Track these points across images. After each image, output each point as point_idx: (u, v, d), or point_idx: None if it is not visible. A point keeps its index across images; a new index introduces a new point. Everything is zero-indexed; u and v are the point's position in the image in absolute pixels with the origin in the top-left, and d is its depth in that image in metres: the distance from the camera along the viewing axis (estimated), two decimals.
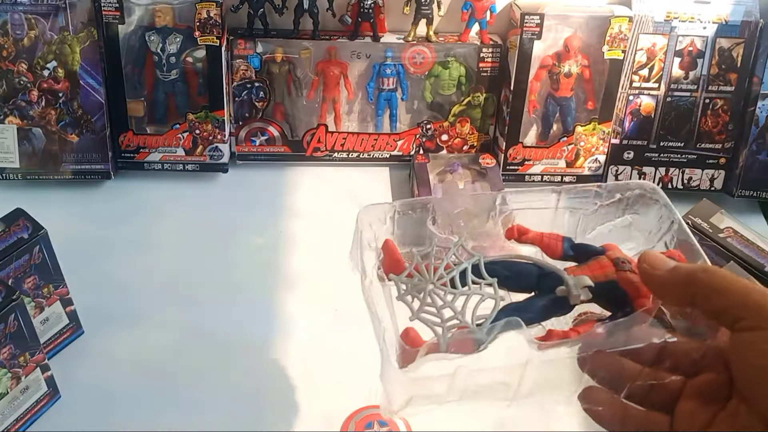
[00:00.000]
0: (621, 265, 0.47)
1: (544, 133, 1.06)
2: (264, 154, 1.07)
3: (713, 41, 1.01)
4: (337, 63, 1.04)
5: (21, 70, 0.96)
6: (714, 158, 1.06)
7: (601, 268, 0.47)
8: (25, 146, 0.99)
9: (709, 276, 0.41)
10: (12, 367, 0.68)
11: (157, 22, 0.98)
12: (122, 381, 0.78)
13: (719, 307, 0.41)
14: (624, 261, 0.47)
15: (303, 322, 0.86)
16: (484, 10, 1.02)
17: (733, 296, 0.40)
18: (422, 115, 1.08)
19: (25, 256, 0.72)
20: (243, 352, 0.82)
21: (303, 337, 0.84)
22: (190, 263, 0.92)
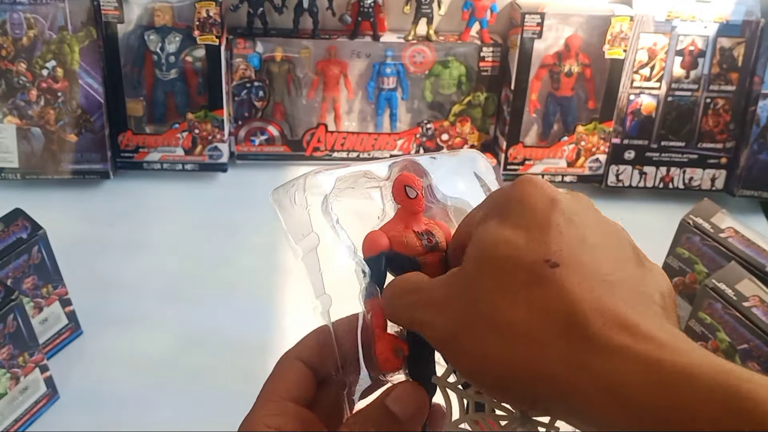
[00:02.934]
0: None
1: (544, 132, 1.06)
2: (263, 154, 1.07)
3: (714, 41, 1.01)
4: (336, 62, 1.04)
5: (20, 69, 0.96)
6: (715, 158, 1.05)
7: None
8: (24, 146, 0.98)
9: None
10: (11, 368, 0.68)
11: (157, 22, 0.98)
12: (121, 381, 0.77)
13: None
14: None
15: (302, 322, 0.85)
16: (484, 10, 1.02)
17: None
18: (422, 115, 1.08)
19: (24, 256, 0.71)
20: (242, 352, 0.81)
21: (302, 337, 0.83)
22: (189, 263, 0.92)
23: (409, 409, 0.34)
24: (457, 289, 0.30)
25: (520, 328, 0.27)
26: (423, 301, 0.32)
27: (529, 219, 0.30)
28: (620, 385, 0.25)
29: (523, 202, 0.30)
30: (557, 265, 0.28)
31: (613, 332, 0.26)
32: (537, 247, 0.29)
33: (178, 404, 0.76)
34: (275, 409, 0.37)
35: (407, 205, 0.38)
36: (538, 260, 0.28)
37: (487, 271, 0.29)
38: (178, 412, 0.75)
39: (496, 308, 0.28)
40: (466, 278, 0.30)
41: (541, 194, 0.30)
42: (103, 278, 0.88)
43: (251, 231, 0.97)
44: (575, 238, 0.29)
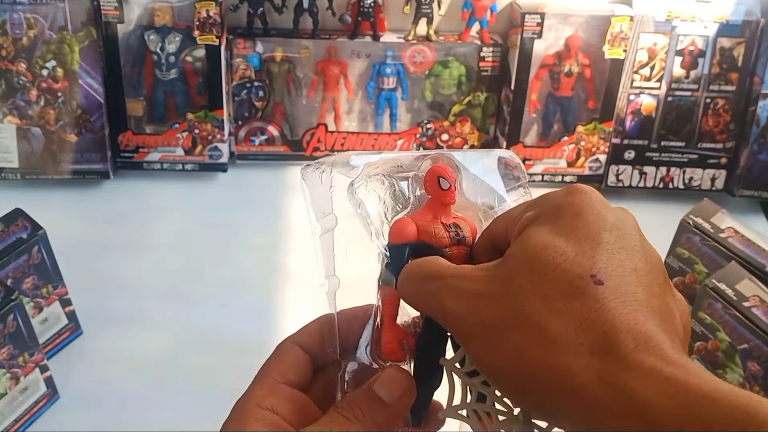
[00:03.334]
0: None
1: (544, 132, 1.06)
2: (263, 154, 1.07)
3: (714, 41, 1.01)
4: (336, 62, 1.04)
5: (20, 69, 0.96)
6: (715, 158, 1.05)
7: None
8: (24, 146, 0.98)
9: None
10: (11, 368, 0.68)
11: (157, 22, 0.98)
12: (121, 381, 0.77)
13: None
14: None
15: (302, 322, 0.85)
16: (484, 10, 1.02)
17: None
18: (422, 115, 1.08)
19: (24, 256, 0.71)
20: (242, 352, 0.81)
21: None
22: (189, 263, 0.92)
23: (395, 393, 0.35)
24: (495, 284, 0.30)
25: (554, 335, 0.28)
26: (454, 290, 0.32)
27: (582, 232, 0.30)
28: (648, 405, 0.26)
29: (577, 214, 0.31)
30: (602, 282, 0.29)
31: (644, 354, 0.27)
32: (585, 261, 0.29)
33: (178, 404, 0.76)
34: (269, 390, 0.37)
35: (439, 196, 0.38)
36: (584, 274, 0.29)
37: (531, 273, 0.30)
38: (178, 412, 0.75)
39: (534, 311, 0.29)
40: (507, 276, 0.30)
41: (595, 208, 0.31)
42: (103, 278, 0.88)
43: (251, 231, 0.97)
44: (621, 259, 0.30)
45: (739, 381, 0.73)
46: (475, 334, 0.30)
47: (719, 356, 0.74)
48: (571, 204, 0.31)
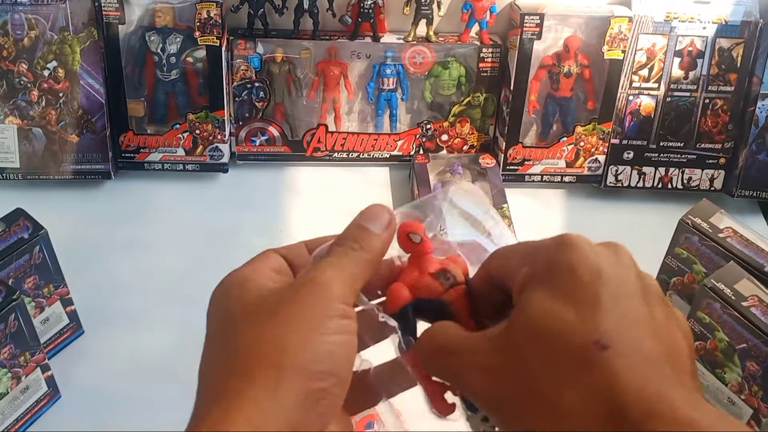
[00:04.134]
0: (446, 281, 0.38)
1: (543, 133, 1.06)
2: (264, 154, 1.07)
3: (713, 41, 1.01)
4: (337, 63, 1.04)
5: (21, 70, 0.96)
6: (714, 158, 1.06)
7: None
8: (25, 146, 0.99)
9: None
10: (12, 367, 0.68)
11: (158, 22, 0.98)
12: (122, 381, 0.78)
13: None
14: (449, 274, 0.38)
15: None
16: (484, 11, 1.02)
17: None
18: (422, 115, 1.08)
19: (26, 256, 0.72)
20: None
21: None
22: (190, 263, 0.92)
23: (383, 223, 0.37)
24: (504, 357, 0.31)
25: (567, 408, 0.28)
26: (471, 367, 0.32)
27: (580, 293, 0.30)
28: None
29: (571, 272, 0.31)
30: (606, 347, 0.29)
31: (650, 420, 0.27)
32: (586, 327, 0.29)
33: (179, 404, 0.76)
34: (255, 260, 0.38)
35: (415, 250, 0.39)
36: (587, 342, 0.29)
37: (536, 345, 0.30)
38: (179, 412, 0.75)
39: (545, 385, 0.29)
40: (513, 348, 0.31)
41: (588, 262, 0.31)
42: (105, 278, 0.89)
43: (252, 231, 0.97)
44: (621, 315, 0.30)
45: (737, 380, 0.73)
46: (496, 407, 0.31)
47: (718, 356, 0.74)
48: (564, 261, 0.31)
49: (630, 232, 1.00)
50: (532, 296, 0.31)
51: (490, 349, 0.32)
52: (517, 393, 0.30)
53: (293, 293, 0.34)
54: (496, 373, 0.31)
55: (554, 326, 0.30)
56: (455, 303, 0.37)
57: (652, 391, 0.28)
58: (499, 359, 0.31)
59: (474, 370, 0.32)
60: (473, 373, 0.32)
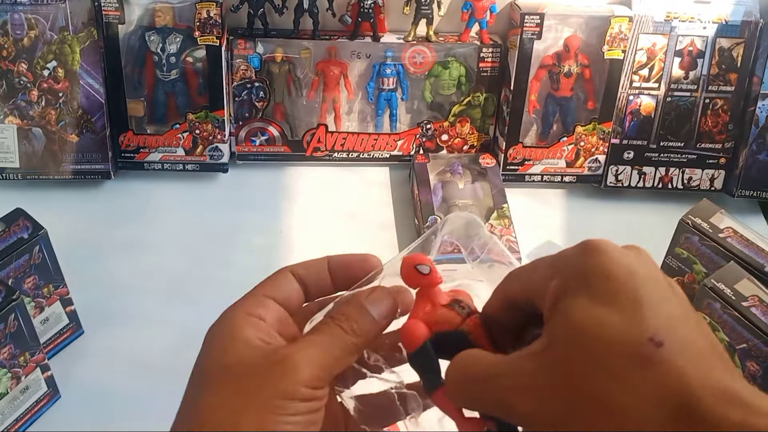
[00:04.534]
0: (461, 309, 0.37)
1: (544, 133, 1.06)
2: (264, 154, 1.07)
3: (713, 41, 1.01)
4: (337, 63, 1.04)
5: (21, 70, 0.96)
6: (714, 158, 1.06)
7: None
8: (25, 146, 0.99)
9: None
10: (12, 367, 0.68)
11: (157, 22, 0.98)
12: (122, 381, 0.78)
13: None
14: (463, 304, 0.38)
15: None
16: (484, 10, 1.02)
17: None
18: (422, 115, 1.08)
19: (25, 256, 0.72)
20: None
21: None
22: (190, 263, 0.92)
23: (384, 312, 0.37)
24: (551, 373, 0.29)
25: (634, 412, 0.27)
26: (516, 390, 0.30)
27: (621, 295, 0.29)
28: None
29: (607, 277, 0.30)
30: (662, 343, 0.28)
31: (727, 409, 0.26)
32: (636, 326, 0.28)
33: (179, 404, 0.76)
34: (258, 302, 0.38)
35: (425, 282, 0.37)
36: (641, 340, 0.28)
37: (586, 354, 0.29)
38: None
39: (607, 393, 0.28)
40: (560, 362, 0.29)
41: (621, 265, 0.30)
42: (104, 278, 0.89)
43: (252, 231, 0.97)
44: (667, 312, 0.29)
45: None
46: (548, 425, 0.29)
47: None
48: (597, 266, 0.31)
49: (630, 232, 1.00)
50: (571, 306, 0.30)
51: (535, 368, 0.30)
52: (572, 407, 0.28)
53: (264, 367, 0.34)
54: (545, 391, 0.29)
55: (602, 332, 0.29)
56: (474, 332, 0.35)
57: (714, 383, 0.27)
58: (546, 376, 0.30)
59: (519, 393, 0.30)
60: (518, 396, 0.30)
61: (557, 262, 0.33)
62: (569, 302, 0.30)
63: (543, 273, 0.33)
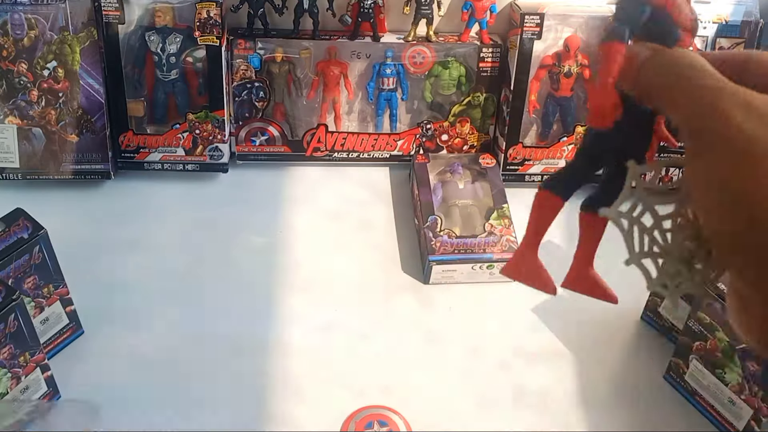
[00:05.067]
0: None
1: (544, 133, 1.06)
2: (264, 154, 1.07)
3: (713, 41, 1.01)
4: (337, 63, 1.04)
5: (21, 70, 0.96)
6: None
7: None
8: (25, 146, 0.99)
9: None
10: (12, 367, 0.68)
11: (157, 22, 0.98)
12: (122, 381, 0.78)
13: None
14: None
15: (302, 322, 0.86)
16: (484, 10, 1.02)
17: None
18: (422, 115, 1.08)
19: (25, 256, 0.72)
20: (243, 352, 0.82)
21: (302, 337, 0.84)
22: (190, 263, 0.92)
23: None
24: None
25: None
26: (737, 100, 0.29)
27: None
28: None
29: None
30: None
31: None
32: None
33: (178, 404, 0.76)
34: None
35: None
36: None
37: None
38: (178, 411, 0.76)
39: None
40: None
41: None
42: (104, 278, 0.89)
43: (252, 231, 0.97)
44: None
45: (738, 381, 0.73)
46: (747, 148, 0.28)
47: (718, 356, 0.74)
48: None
49: None
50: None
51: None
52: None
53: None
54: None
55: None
56: (680, 45, 0.33)
57: None
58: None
59: (742, 107, 0.29)
60: (741, 110, 0.29)
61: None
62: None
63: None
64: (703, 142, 0.30)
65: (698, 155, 0.30)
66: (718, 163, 0.29)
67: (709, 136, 0.29)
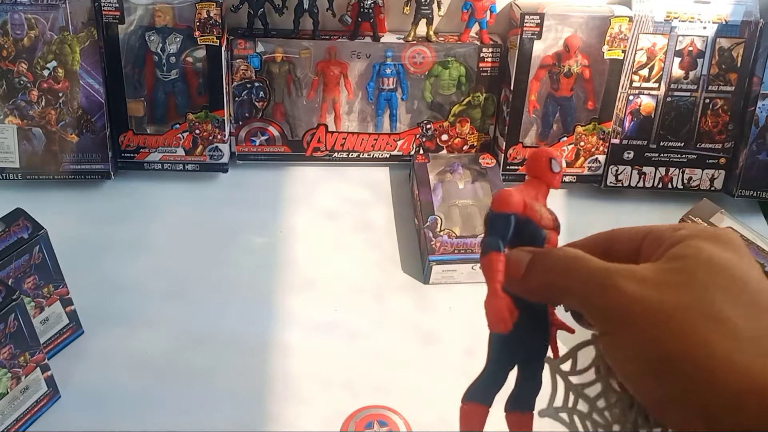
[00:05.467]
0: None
1: (543, 133, 1.06)
2: (264, 154, 1.07)
3: (713, 41, 1.01)
4: (337, 63, 1.04)
5: (21, 70, 0.96)
6: (714, 158, 1.06)
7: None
8: (25, 146, 0.99)
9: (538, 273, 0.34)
10: (12, 367, 0.68)
11: (157, 22, 0.98)
12: (122, 381, 0.78)
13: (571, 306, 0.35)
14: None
15: (302, 322, 0.86)
16: (484, 10, 1.02)
17: (574, 295, 0.33)
18: (422, 115, 1.08)
19: (25, 256, 0.72)
20: (243, 352, 0.82)
21: (302, 337, 0.84)
22: (190, 263, 0.92)
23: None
24: (675, 276, 0.31)
25: (745, 336, 0.29)
26: (626, 273, 0.31)
27: (747, 256, 0.32)
28: None
29: (733, 242, 0.32)
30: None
31: None
32: (762, 280, 0.31)
33: (179, 404, 0.76)
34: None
35: (547, 178, 0.37)
36: (765, 291, 0.30)
37: (715, 275, 0.30)
38: (179, 411, 0.76)
39: (725, 308, 0.29)
40: (688, 272, 0.31)
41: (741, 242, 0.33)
42: (105, 278, 0.89)
43: (252, 231, 0.97)
44: None
45: None
46: (647, 314, 0.30)
47: None
48: (724, 234, 0.33)
49: None
50: (702, 243, 0.32)
51: (652, 269, 0.31)
52: (688, 305, 0.30)
53: None
54: (663, 286, 0.30)
55: (733, 269, 0.31)
56: (549, 245, 0.36)
57: None
58: (666, 276, 0.31)
59: (631, 277, 0.31)
60: (628, 279, 0.31)
61: (682, 224, 0.35)
62: (699, 241, 0.32)
63: (667, 226, 0.34)
64: (608, 320, 0.31)
65: (606, 333, 0.32)
66: (630, 336, 0.30)
67: (610, 313, 0.31)
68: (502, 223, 0.35)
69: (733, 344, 0.28)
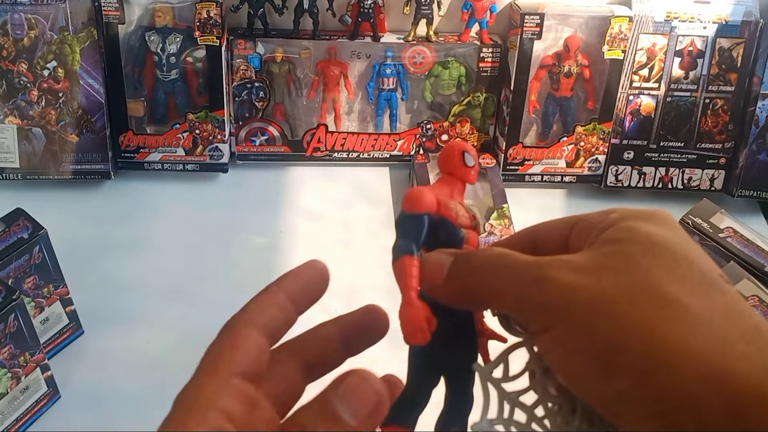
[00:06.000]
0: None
1: (544, 133, 1.06)
2: (264, 154, 1.07)
3: (713, 41, 1.01)
4: (337, 63, 1.04)
5: (21, 70, 0.96)
6: (714, 158, 1.06)
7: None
8: (25, 146, 0.99)
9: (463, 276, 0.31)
10: (12, 367, 0.68)
11: (157, 22, 0.98)
12: (122, 381, 0.78)
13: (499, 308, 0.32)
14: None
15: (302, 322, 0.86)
16: (484, 10, 1.02)
17: (504, 298, 0.30)
18: (422, 115, 1.08)
19: (25, 256, 0.72)
20: None
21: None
22: (190, 263, 0.92)
23: (362, 411, 0.29)
24: (612, 261, 0.28)
25: (699, 316, 0.26)
26: (559, 263, 0.28)
27: (686, 235, 0.29)
28: None
29: (670, 222, 0.30)
30: (729, 283, 0.28)
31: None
32: (707, 259, 0.28)
33: None
34: (220, 385, 0.32)
35: (461, 173, 0.34)
36: (715, 272, 0.28)
37: (657, 256, 0.27)
38: None
39: (672, 289, 0.26)
40: (626, 255, 0.28)
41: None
42: (104, 278, 0.89)
43: (252, 231, 0.97)
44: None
45: None
46: (588, 303, 0.27)
47: None
48: (659, 212, 0.30)
49: None
50: (639, 224, 0.29)
51: (586, 256, 0.28)
52: (631, 292, 0.27)
53: None
54: (605, 274, 0.27)
55: (676, 247, 0.28)
56: (468, 246, 0.33)
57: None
58: (603, 261, 0.28)
59: (564, 266, 0.28)
60: (561, 268, 0.28)
61: (615, 208, 0.31)
62: (635, 222, 0.29)
63: (597, 213, 0.31)
64: (546, 316, 0.28)
65: (545, 330, 0.28)
66: (571, 329, 0.27)
67: (548, 307, 0.28)
68: (414, 224, 0.32)
69: (687, 327, 0.25)
